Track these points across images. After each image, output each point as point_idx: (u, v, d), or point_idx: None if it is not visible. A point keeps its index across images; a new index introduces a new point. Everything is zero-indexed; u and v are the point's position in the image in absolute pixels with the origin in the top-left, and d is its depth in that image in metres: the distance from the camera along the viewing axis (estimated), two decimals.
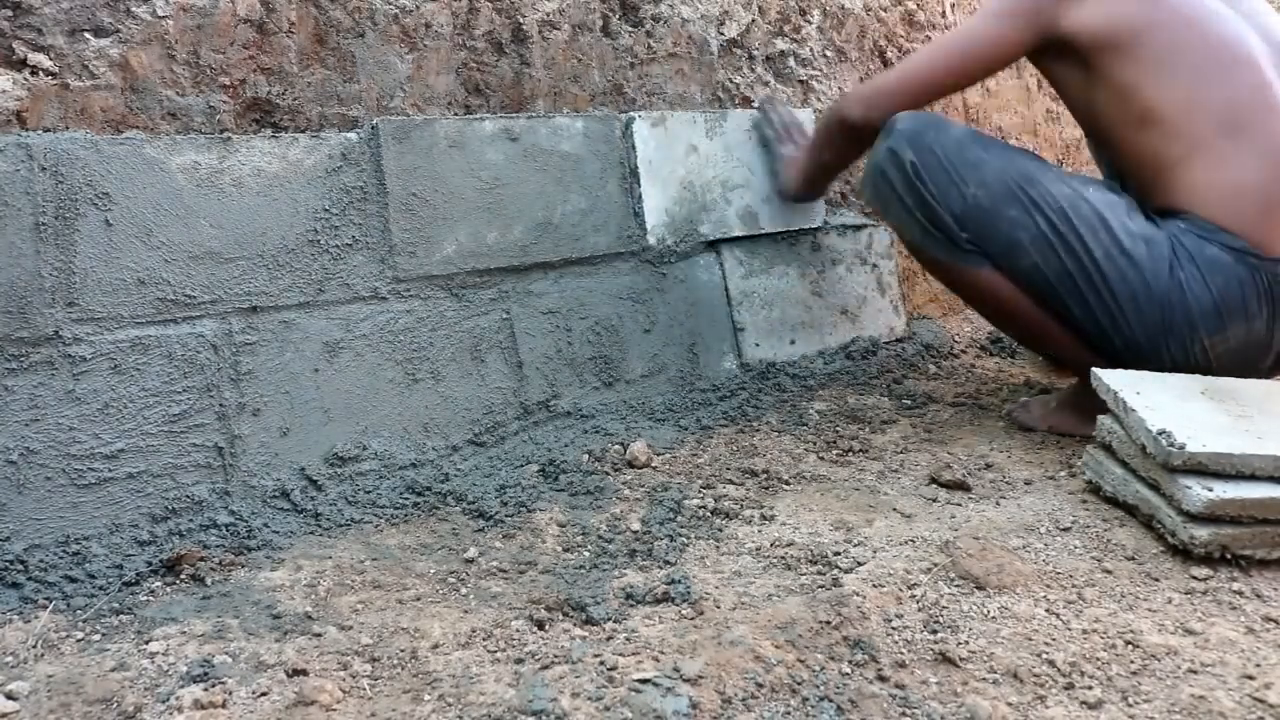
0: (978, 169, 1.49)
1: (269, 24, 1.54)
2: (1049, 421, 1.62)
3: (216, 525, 1.29)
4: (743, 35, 2.09)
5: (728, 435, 1.63)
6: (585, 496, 1.39)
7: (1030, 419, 1.64)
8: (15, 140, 1.25)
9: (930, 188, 1.50)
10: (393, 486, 1.42)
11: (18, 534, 1.19)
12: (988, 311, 1.62)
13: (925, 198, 1.51)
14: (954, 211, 1.49)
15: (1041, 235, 1.47)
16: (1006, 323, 1.62)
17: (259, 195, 1.41)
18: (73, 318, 1.26)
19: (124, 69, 1.43)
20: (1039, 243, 1.47)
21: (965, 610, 1.04)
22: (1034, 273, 1.49)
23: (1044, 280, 1.49)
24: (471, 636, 1.02)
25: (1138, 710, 0.88)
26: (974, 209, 1.48)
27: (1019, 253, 1.48)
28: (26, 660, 1.00)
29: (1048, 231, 1.46)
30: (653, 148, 1.80)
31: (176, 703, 0.91)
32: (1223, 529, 1.11)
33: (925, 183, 1.51)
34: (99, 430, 1.26)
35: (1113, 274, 1.45)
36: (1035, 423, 1.63)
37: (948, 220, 1.50)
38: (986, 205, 1.48)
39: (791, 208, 1.97)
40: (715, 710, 0.87)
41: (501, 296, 1.62)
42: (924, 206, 1.51)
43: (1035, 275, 1.49)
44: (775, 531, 1.26)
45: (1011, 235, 1.48)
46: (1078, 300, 1.48)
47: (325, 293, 1.45)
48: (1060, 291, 1.48)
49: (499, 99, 1.78)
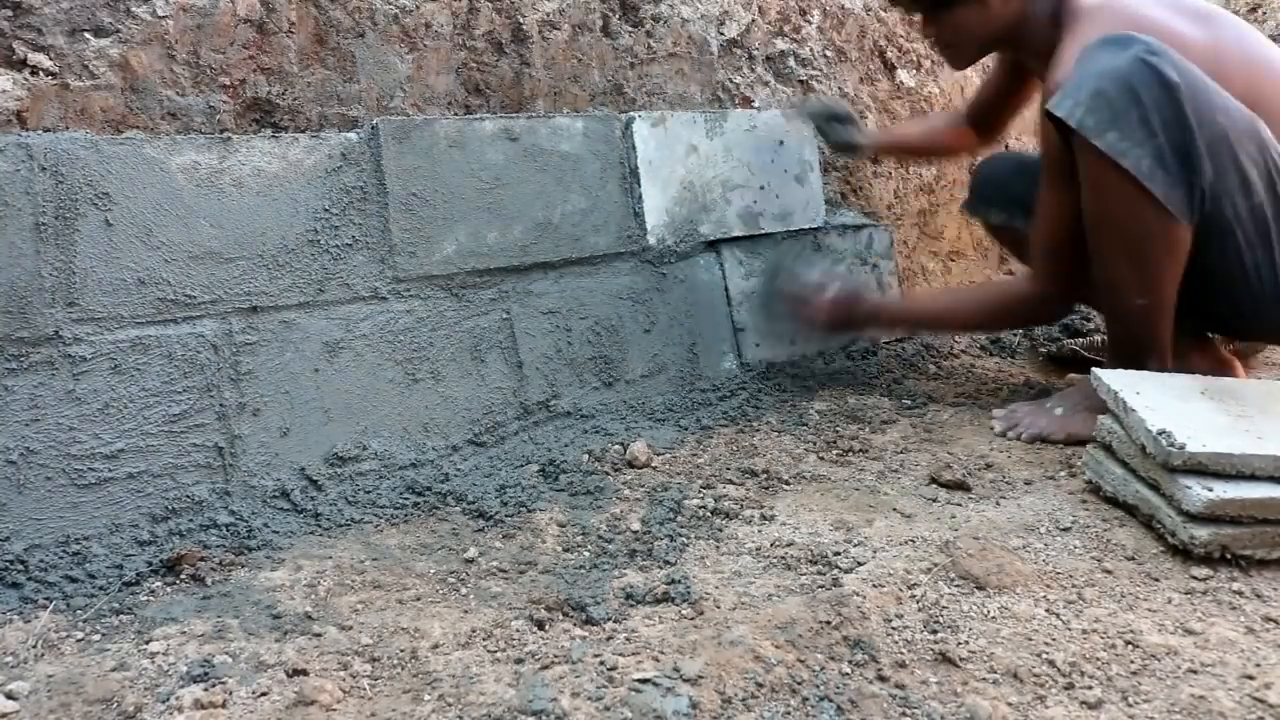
0: (1222, 98, 1.41)
1: (269, 24, 1.54)
2: (1068, 430, 1.56)
3: (216, 525, 1.29)
4: (743, 35, 2.10)
5: (728, 435, 1.63)
6: (585, 496, 1.39)
7: (1042, 430, 1.58)
8: (15, 140, 1.25)
9: (1189, 111, 1.36)
10: (393, 486, 1.42)
11: (18, 534, 1.19)
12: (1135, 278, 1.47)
13: (1184, 118, 1.36)
14: (1207, 142, 1.38)
15: (1269, 174, 1.42)
16: (1144, 294, 1.48)
17: (259, 195, 1.41)
18: (73, 318, 1.26)
19: (124, 69, 1.43)
20: (1266, 182, 1.42)
21: (965, 610, 1.04)
22: (1255, 214, 1.42)
23: (1260, 223, 1.43)
24: (471, 636, 1.02)
25: (1138, 710, 0.88)
26: (1220, 140, 1.39)
27: (1246, 192, 1.41)
28: (26, 660, 1.00)
29: (1273, 170, 1.42)
30: (653, 148, 1.80)
31: (176, 703, 0.91)
32: (1223, 529, 1.11)
33: (1185, 104, 1.36)
34: (99, 430, 1.26)
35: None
36: (1053, 434, 1.57)
37: (1199, 149, 1.37)
38: (1232, 138, 1.40)
39: (792, 208, 1.97)
40: (715, 710, 0.87)
41: (501, 296, 1.62)
42: (1179, 129, 1.37)
43: (1255, 216, 1.42)
44: (775, 531, 1.26)
45: (1248, 173, 1.41)
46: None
47: (325, 293, 1.45)
48: (1270, 236, 1.43)
49: (499, 99, 1.78)
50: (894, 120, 2.40)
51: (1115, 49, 1.39)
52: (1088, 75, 1.40)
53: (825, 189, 2.11)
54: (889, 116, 2.39)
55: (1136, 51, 1.37)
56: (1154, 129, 1.37)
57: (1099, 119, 1.38)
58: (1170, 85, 1.36)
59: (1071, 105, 1.40)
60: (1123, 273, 1.48)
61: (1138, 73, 1.37)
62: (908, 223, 2.42)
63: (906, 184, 2.43)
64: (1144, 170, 1.37)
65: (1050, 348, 2.12)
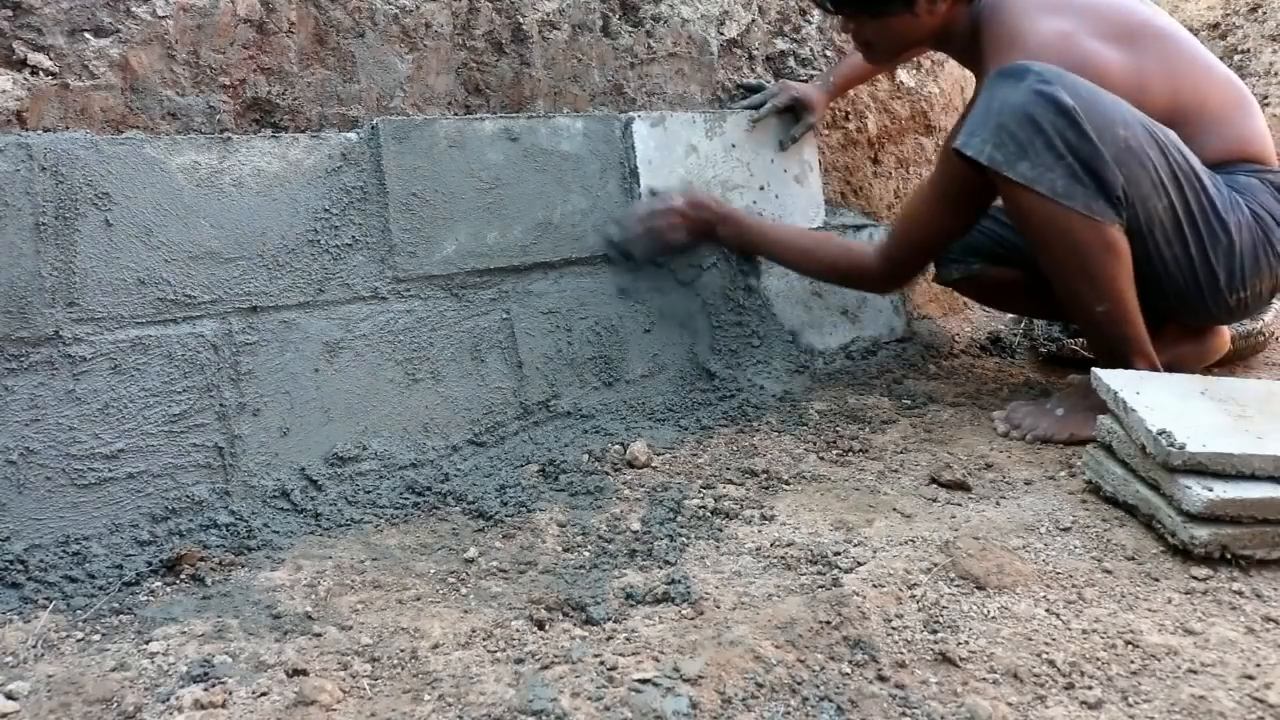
0: (1119, 110, 1.48)
1: (269, 24, 1.54)
2: (1070, 430, 1.56)
3: (216, 525, 1.29)
4: (743, 35, 2.10)
5: (728, 435, 1.63)
6: (585, 496, 1.39)
7: (1044, 431, 1.58)
8: (15, 140, 1.25)
9: (1089, 129, 1.44)
10: (393, 486, 1.42)
11: (18, 534, 1.19)
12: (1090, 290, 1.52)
13: (1086, 137, 1.44)
14: (1112, 154, 1.45)
15: (1174, 176, 1.49)
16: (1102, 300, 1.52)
17: (259, 195, 1.41)
18: (73, 318, 1.26)
19: (124, 69, 1.43)
20: (1173, 183, 1.49)
21: (965, 610, 1.04)
22: (1167, 213, 1.50)
23: (1173, 221, 1.50)
24: (471, 636, 1.02)
25: (1138, 710, 0.88)
26: (1125, 150, 1.46)
27: (1158, 194, 1.49)
28: (26, 660, 1.00)
29: (1177, 171, 1.50)
30: (652, 148, 1.80)
31: (176, 703, 0.91)
32: (1223, 529, 1.11)
33: (1084, 124, 1.44)
34: (99, 430, 1.26)
35: (1223, 209, 1.52)
36: (1055, 435, 1.57)
37: (1107, 162, 1.45)
38: (1135, 146, 1.47)
39: (792, 208, 1.97)
40: (715, 710, 0.87)
41: (501, 296, 1.62)
42: (1084, 146, 1.44)
43: (1168, 215, 1.50)
44: (775, 531, 1.26)
45: (1155, 176, 1.48)
46: (1196, 238, 1.52)
47: (325, 293, 1.45)
48: (1184, 232, 1.51)
49: (499, 99, 1.78)
50: (893, 120, 2.40)
51: (1011, 82, 1.47)
52: (990, 112, 1.48)
53: (825, 189, 2.11)
54: (889, 117, 2.39)
55: (1030, 83, 1.45)
56: (1060, 152, 1.45)
57: (1007, 153, 1.46)
58: (1066, 109, 1.44)
59: (980, 143, 1.47)
60: (1077, 286, 1.54)
61: (1034, 103, 1.44)
62: None
63: (906, 184, 2.43)
64: (1060, 190, 1.46)
65: (1050, 348, 2.12)
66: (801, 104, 1.99)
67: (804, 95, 1.99)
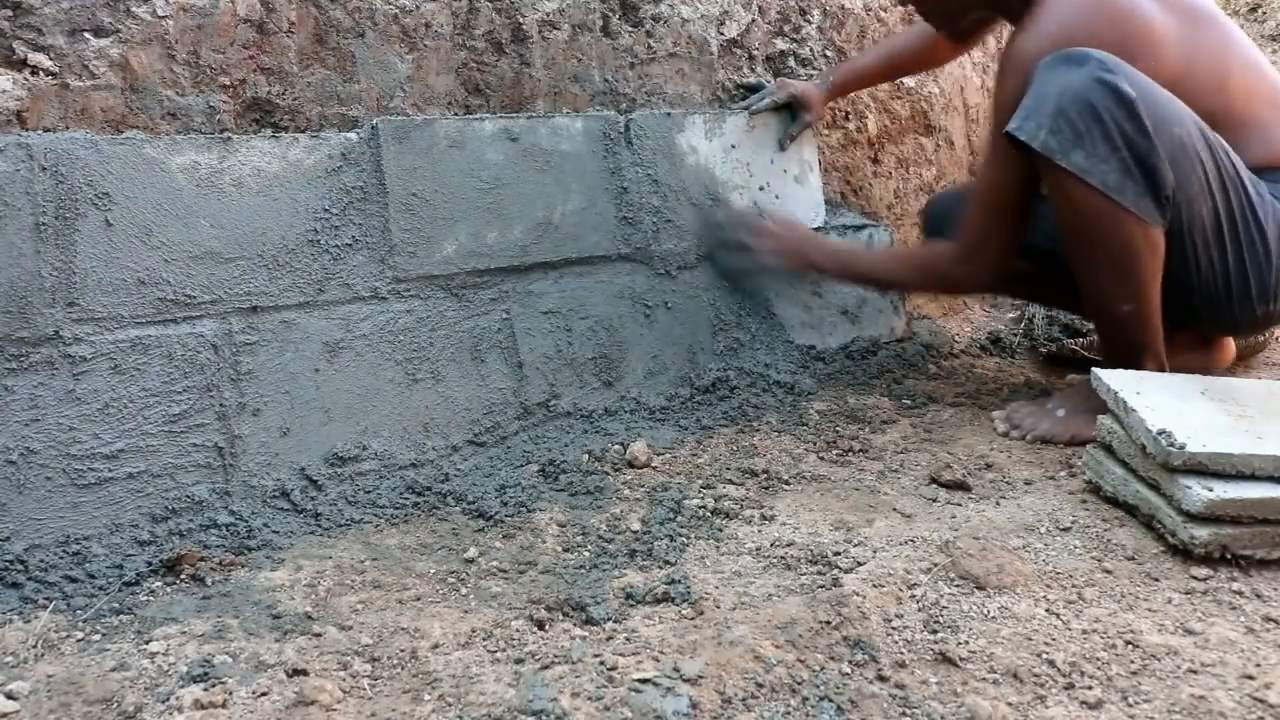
0: (1176, 107, 1.45)
1: (269, 24, 1.54)
2: (1072, 431, 1.55)
3: (216, 525, 1.29)
4: (743, 35, 2.10)
5: (728, 435, 1.63)
6: (585, 496, 1.39)
7: (1046, 431, 1.57)
8: (15, 140, 1.25)
9: (1148, 123, 1.40)
10: (393, 486, 1.42)
11: (18, 534, 1.19)
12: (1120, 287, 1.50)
13: (1145, 131, 1.40)
14: (1167, 149, 1.42)
15: (1221, 179, 1.47)
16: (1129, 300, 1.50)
17: (259, 195, 1.41)
18: (73, 318, 1.26)
19: (124, 69, 1.43)
20: (1220, 186, 1.47)
21: (965, 610, 1.04)
22: (1210, 217, 1.48)
23: (1215, 226, 1.48)
24: (471, 636, 1.02)
25: (1138, 710, 0.88)
26: (1180, 149, 1.43)
27: (1204, 197, 1.46)
28: (26, 660, 1.00)
29: (1225, 175, 1.47)
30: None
31: (176, 703, 0.91)
32: (1223, 529, 1.11)
33: (1144, 118, 1.40)
34: (99, 430, 1.26)
35: (1264, 218, 1.50)
36: (1058, 435, 1.56)
37: (1160, 159, 1.41)
38: (1189, 145, 1.44)
39: (792, 209, 1.97)
40: (715, 710, 0.87)
41: (501, 296, 1.62)
42: (1141, 141, 1.40)
43: (1211, 219, 1.48)
44: (775, 531, 1.26)
45: (1203, 178, 1.46)
46: (1234, 245, 1.50)
47: (325, 293, 1.45)
48: (1224, 238, 1.49)
49: (499, 99, 1.78)
50: (893, 120, 2.40)
51: (1071, 66, 1.43)
52: (1047, 96, 1.43)
53: (825, 189, 2.11)
54: (889, 117, 2.39)
55: (1092, 69, 1.41)
56: (1117, 144, 1.41)
57: (1062, 140, 1.42)
58: (1128, 101, 1.40)
59: (1034, 128, 1.43)
60: (1106, 282, 1.51)
61: (1096, 91, 1.40)
62: (908, 223, 2.41)
63: (906, 184, 2.43)
64: (1112, 184, 1.41)
65: (1050, 347, 2.12)
66: (799, 101, 1.99)
67: (802, 93, 1.99)
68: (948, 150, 2.47)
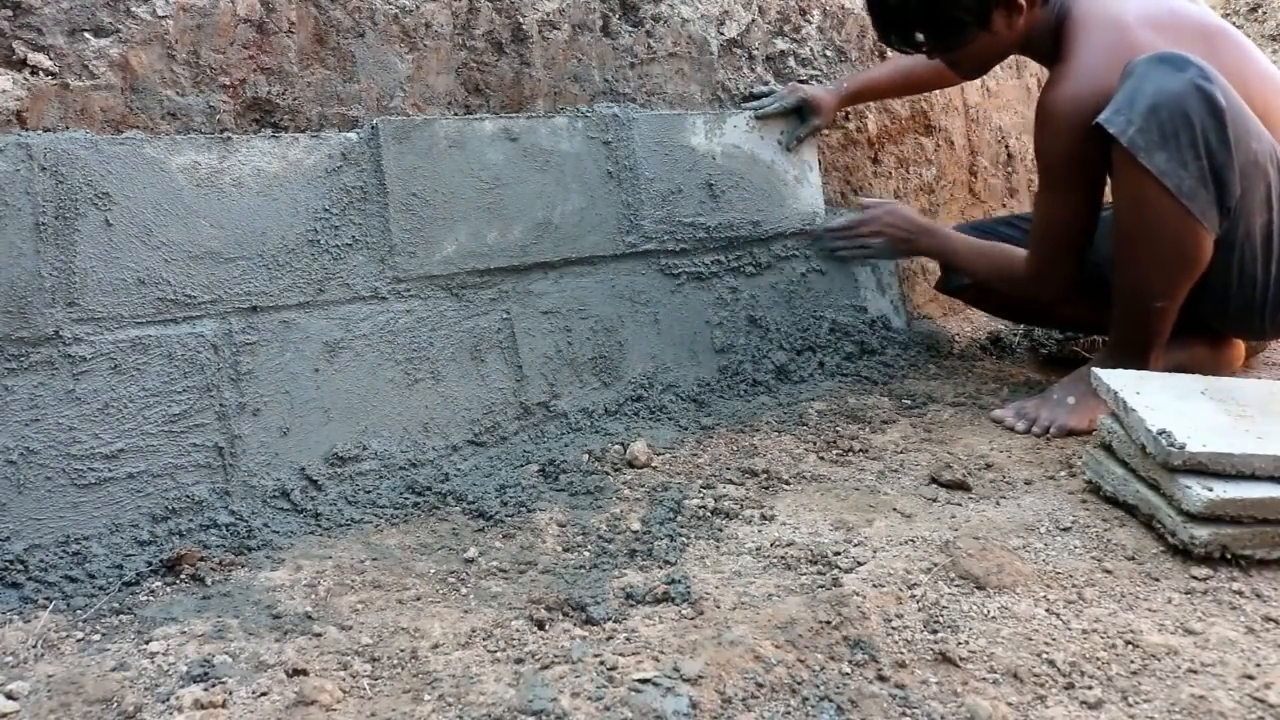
0: (1256, 123, 1.49)
1: (269, 24, 1.54)
2: (1090, 417, 1.56)
3: (216, 525, 1.29)
4: (743, 35, 2.10)
5: (728, 435, 1.63)
6: (585, 496, 1.39)
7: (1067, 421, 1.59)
8: (15, 140, 1.25)
9: (1231, 136, 1.44)
10: (393, 486, 1.42)
11: (18, 534, 1.19)
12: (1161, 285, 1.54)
13: (1227, 144, 1.44)
14: (1240, 163, 1.46)
15: (1277, 193, 1.51)
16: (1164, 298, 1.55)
17: (259, 195, 1.41)
18: (73, 318, 1.26)
19: (124, 69, 1.43)
20: (1278, 201, 1.52)
21: (965, 610, 1.04)
22: (1264, 230, 1.52)
23: (1265, 239, 1.53)
24: (471, 636, 1.02)
25: (1138, 710, 0.88)
26: (1251, 164, 1.48)
27: (1263, 211, 1.51)
28: (26, 660, 1.00)
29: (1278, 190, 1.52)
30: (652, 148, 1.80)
31: (176, 703, 0.91)
32: (1223, 529, 1.11)
33: (1229, 130, 1.44)
34: (99, 430, 1.26)
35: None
36: (1078, 425, 1.58)
37: (1235, 173, 1.46)
38: (1261, 161, 1.49)
39: (792, 209, 1.97)
40: (715, 710, 0.87)
41: (501, 296, 1.62)
42: (1222, 153, 1.44)
43: (1264, 232, 1.52)
44: (775, 531, 1.26)
45: (1267, 193, 1.50)
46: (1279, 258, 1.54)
47: (325, 293, 1.45)
48: (1272, 251, 1.54)
49: (499, 99, 1.78)
50: (893, 120, 2.40)
51: (1171, 69, 1.45)
52: (1142, 93, 1.45)
53: (825, 189, 2.11)
54: (889, 117, 2.39)
55: (1192, 75, 1.44)
56: (1200, 152, 1.44)
57: (1149, 139, 1.44)
58: (1219, 111, 1.43)
59: (1124, 123, 1.45)
60: (1149, 278, 1.56)
61: (1192, 97, 1.43)
62: None
63: (906, 184, 2.43)
64: (1186, 191, 1.45)
65: (1050, 347, 2.12)
66: (809, 106, 1.99)
67: (812, 97, 1.99)
68: (948, 150, 2.47)
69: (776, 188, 1.97)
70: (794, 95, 1.99)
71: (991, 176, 2.57)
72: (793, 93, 2.00)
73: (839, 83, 2.11)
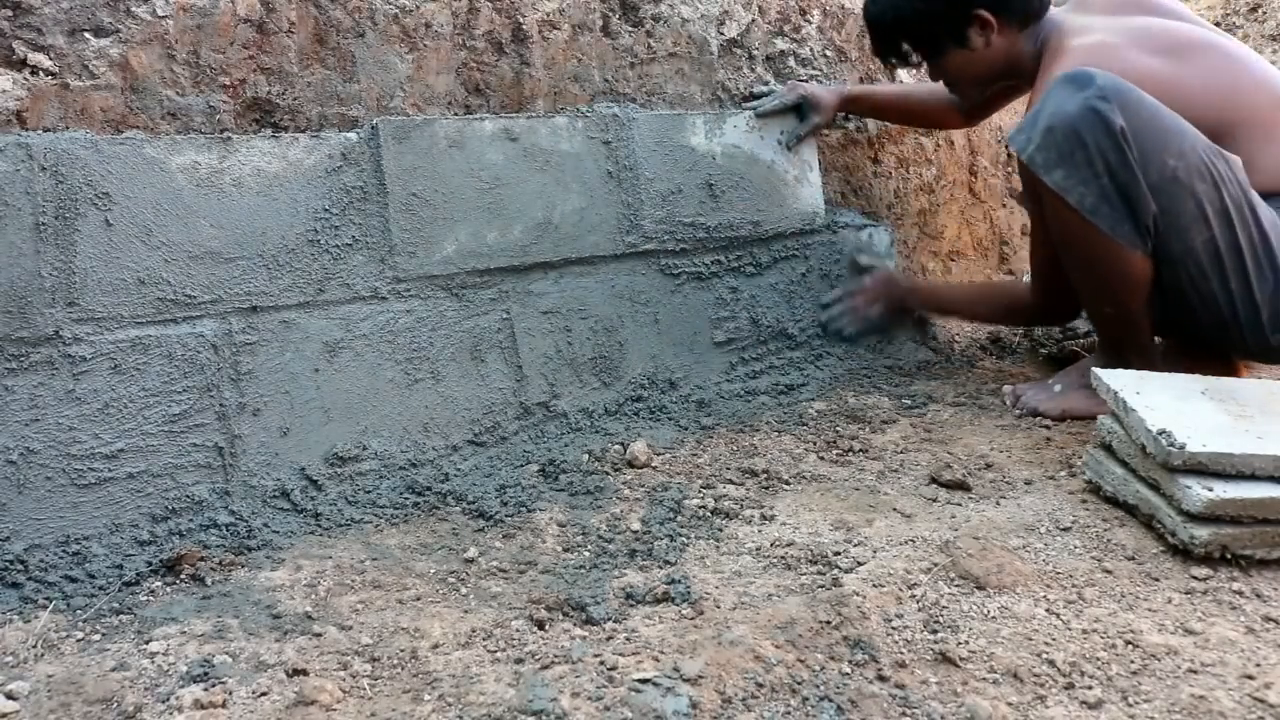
0: (1178, 138, 1.48)
1: (269, 24, 1.54)
2: (1063, 406, 1.64)
3: (216, 525, 1.29)
4: (743, 35, 2.09)
5: (728, 435, 1.63)
6: (585, 496, 1.39)
7: (1040, 405, 1.66)
8: (15, 140, 1.25)
9: (1134, 154, 1.45)
10: (393, 486, 1.42)
11: (18, 534, 1.19)
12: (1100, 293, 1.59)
13: (1127, 163, 1.45)
14: (1151, 181, 1.46)
15: (1224, 210, 1.49)
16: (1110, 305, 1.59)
17: (259, 195, 1.41)
18: (73, 318, 1.26)
19: (124, 69, 1.43)
20: (1221, 218, 1.49)
21: (965, 610, 1.04)
22: (1206, 247, 1.50)
23: (1212, 255, 1.50)
24: (471, 636, 1.02)
25: (1138, 710, 0.88)
26: (1170, 181, 1.47)
27: (1199, 227, 1.49)
28: (26, 660, 1.00)
29: (1230, 206, 1.49)
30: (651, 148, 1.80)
31: (176, 703, 0.91)
32: (1223, 529, 1.11)
33: (1131, 148, 1.45)
34: (99, 430, 1.26)
35: (1277, 247, 1.51)
36: (1049, 410, 1.65)
37: (1142, 190, 1.46)
38: (1183, 178, 1.47)
39: (792, 209, 1.97)
40: (715, 710, 0.87)
41: (501, 296, 1.62)
42: (1123, 172, 1.45)
43: (1207, 249, 1.50)
44: (775, 531, 1.26)
45: (1199, 209, 1.48)
46: (1239, 275, 1.51)
47: (325, 293, 1.45)
48: (1225, 267, 1.51)
49: (499, 99, 1.78)
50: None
51: (1071, 90, 1.49)
52: (1042, 113, 1.51)
53: (825, 189, 2.11)
54: None
55: (1088, 96, 1.46)
56: (1098, 170, 1.47)
57: (1047, 157, 1.49)
58: (1114, 131, 1.45)
59: (1025, 141, 1.52)
60: (1086, 286, 1.62)
61: (1085, 118, 1.46)
62: (908, 223, 2.41)
63: (906, 184, 2.43)
64: (1088, 206, 1.49)
65: (1050, 348, 2.12)
66: (810, 103, 1.99)
67: (812, 95, 2.00)
68: (948, 150, 2.47)
69: (776, 188, 1.97)
70: (794, 93, 2.00)
71: (991, 176, 2.56)
72: (793, 90, 2.00)
73: (840, 83, 2.12)
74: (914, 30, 1.77)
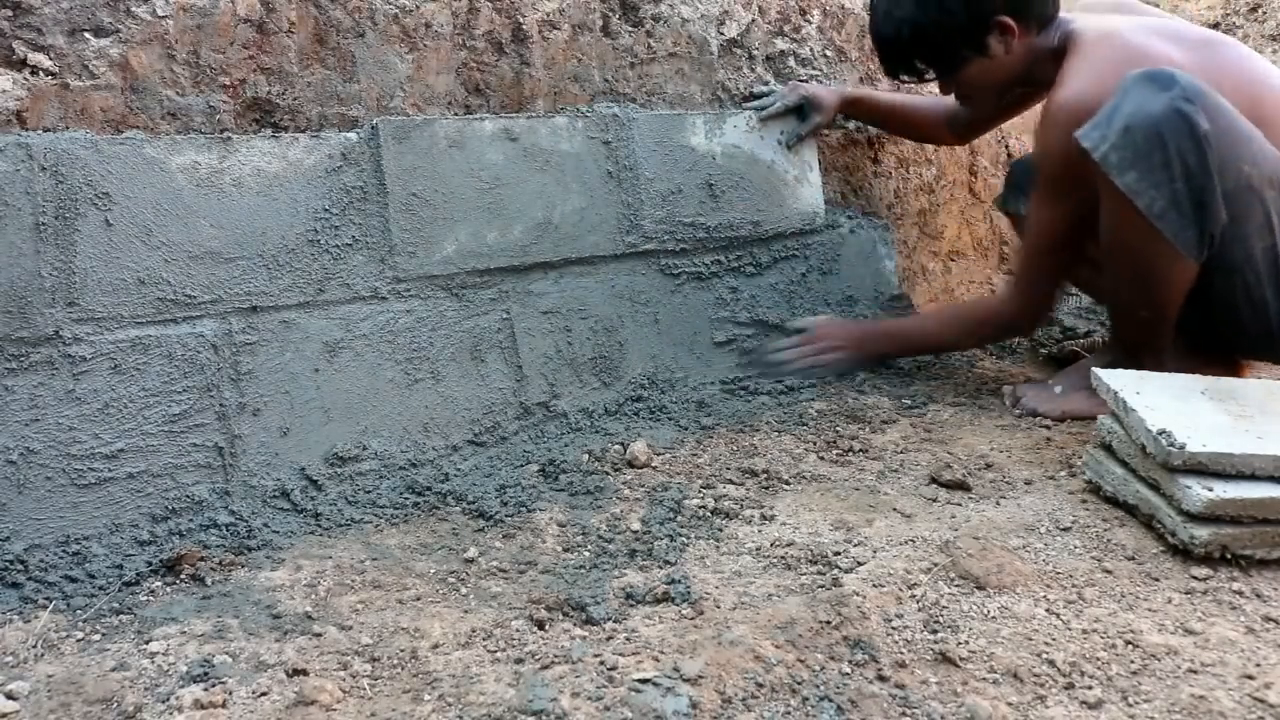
0: (1249, 144, 1.45)
1: (269, 24, 1.54)
2: (1063, 407, 1.64)
3: (216, 525, 1.29)
4: (743, 35, 2.09)
5: (728, 435, 1.63)
6: (585, 496, 1.39)
7: (1040, 405, 1.66)
8: (15, 140, 1.25)
9: (1212, 162, 1.41)
10: (393, 486, 1.42)
11: (18, 534, 1.19)
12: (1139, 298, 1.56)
13: (1207, 168, 1.41)
14: (1226, 188, 1.43)
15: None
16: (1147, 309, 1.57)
17: (259, 195, 1.41)
18: (73, 318, 1.26)
19: (124, 69, 1.43)
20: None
21: (965, 610, 1.04)
22: (1266, 255, 1.49)
23: (1272, 262, 1.49)
24: (471, 636, 1.02)
25: (1138, 710, 0.88)
26: (1245, 189, 1.45)
27: (1263, 234, 1.48)
28: (26, 660, 1.00)
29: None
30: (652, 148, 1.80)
31: (176, 703, 0.91)
32: (1223, 529, 1.11)
33: (1209, 156, 1.41)
34: (99, 430, 1.26)
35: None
36: (1049, 410, 1.65)
37: (1217, 197, 1.42)
38: (1256, 185, 1.45)
39: (792, 209, 1.97)
40: (715, 710, 0.87)
41: (501, 296, 1.62)
42: (1200, 177, 1.41)
43: (1267, 257, 1.49)
44: (775, 531, 1.26)
45: (1266, 217, 1.47)
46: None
47: (325, 293, 1.45)
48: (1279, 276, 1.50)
49: (499, 99, 1.78)
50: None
51: (1154, 89, 1.43)
52: (1120, 112, 1.44)
53: (825, 189, 2.11)
54: None
55: (1173, 96, 1.41)
56: (1174, 174, 1.42)
57: (1122, 157, 1.43)
58: (1199, 136, 1.41)
59: (1099, 138, 1.45)
60: (1129, 292, 1.59)
61: (1169, 120, 1.41)
62: (908, 223, 2.41)
63: (906, 184, 2.43)
64: (1156, 211, 1.44)
65: (1051, 348, 2.12)
66: (811, 103, 1.99)
67: (814, 95, 1.99)
68: (948, 150, 2.47)
69: (777, 188, 1.97)
70: (795, 93, 2.00)
71: (991, 176, 2.56)
72: (794, 91, 2.00)
73: (841, 83, 2.12)
74: (933, 45, 1.69)
